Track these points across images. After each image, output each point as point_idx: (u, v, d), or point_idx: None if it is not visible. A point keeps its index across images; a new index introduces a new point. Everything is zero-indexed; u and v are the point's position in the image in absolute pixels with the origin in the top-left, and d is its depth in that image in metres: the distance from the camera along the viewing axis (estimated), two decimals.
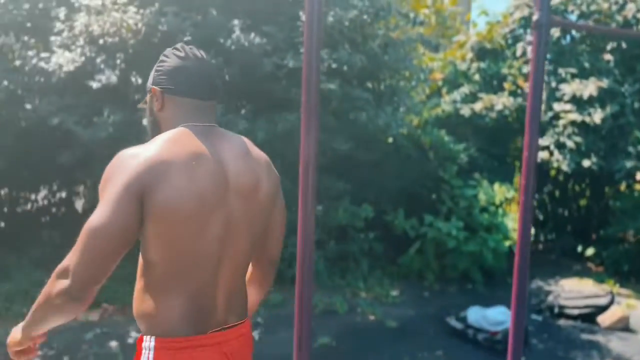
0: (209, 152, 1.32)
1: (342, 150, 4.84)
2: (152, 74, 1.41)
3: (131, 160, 1.26)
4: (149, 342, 1.33)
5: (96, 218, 1.22)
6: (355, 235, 5.66)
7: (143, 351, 1.33)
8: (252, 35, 4.26)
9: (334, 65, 4.49)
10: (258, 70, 4.38)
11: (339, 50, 4.58)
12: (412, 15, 6.74)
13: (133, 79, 4.47)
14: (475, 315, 4.35)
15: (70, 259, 1.23)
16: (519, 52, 6.71)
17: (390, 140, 5.93)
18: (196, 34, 4.31)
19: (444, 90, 7.03)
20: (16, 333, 1.43)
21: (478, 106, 6.45)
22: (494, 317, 4.25)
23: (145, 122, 1.45)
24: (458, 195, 5.86)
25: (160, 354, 1.31)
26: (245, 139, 1.46)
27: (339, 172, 5.49)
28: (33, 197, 5.90)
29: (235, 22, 4.29)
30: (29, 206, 5.90)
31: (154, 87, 1.39)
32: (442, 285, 5.64)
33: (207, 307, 1.35)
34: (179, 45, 1.40)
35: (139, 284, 1.38)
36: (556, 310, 5.01)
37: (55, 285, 1.24)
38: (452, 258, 5.68)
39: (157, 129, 1.42)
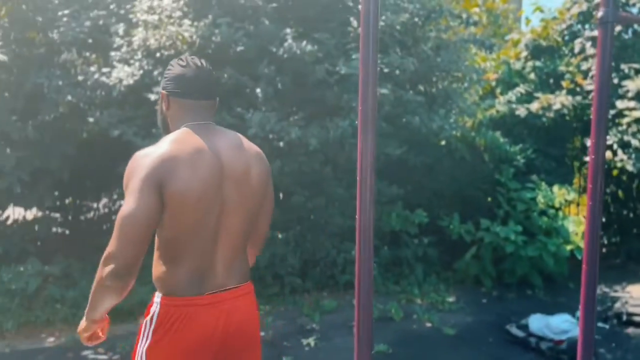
0: (207, 147, 1.64)
1: (395, 155, 4.79)
2: (162, 80, 1.75)
3: (146, 159, 1.57)
4: (158, 298, 1.69)
5: (125, 209, 1.52)
6: (409, 241, 5.59)
7: (154, 304, 1.70)
8: (304, 43, 4.28)
9: (385, 70, 4.46)
10: (310, 78, 4.40)
11: (391, 55, 4.54)
12: (464, 15, 6.61)
13: None
14: (538, 323, 4.20)
15: (111, 246, 1.52)
16: (577, 49, 6.46)
17: (444, 143, 5.83)
18: (249, 43, 4.38)
19: (498, 90, 6.85)
20: (82, 321, 1.74)
21: (534, 106, 6.25)
22: (558, 325, 4.08)
23: (158, 121, 1.85)
24: (515, 198, 5.69)
25: (164, 309, 1.65)
26: (239, 134, 1.79)
27: (392, 177, 5.44)
28: (95, 205, 6.14)
29: (287, 30, 4.33)
30: (91, 214, 6.15)
31: (162, 91, 1.74)
32: (500, 291, 5.48)
33: (206, 273, 1.67)
34: (182, 57, 1.74)
35: (155, 255, 1.70)
36: (624, 317, 4.77)
37: (104, 270, 1.52)
38: (510, 263, 5.51)
39: (166, 125, 1.79)
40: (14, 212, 5.34)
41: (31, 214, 5.31)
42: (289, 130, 4.13)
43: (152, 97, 4.23)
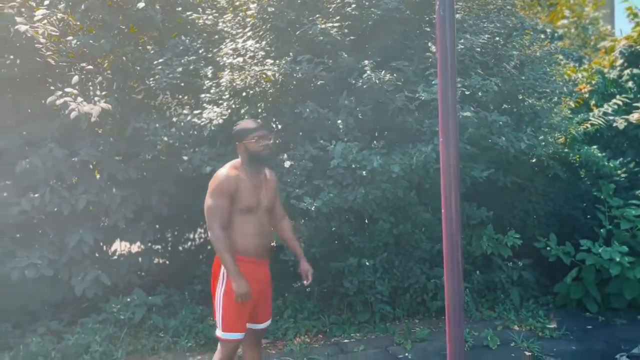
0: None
1: (482, 177, 4.66)
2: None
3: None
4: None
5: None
6: (502, 264, 5.38)
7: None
8: (382, 72, 4.32)
9: (467, 92, 4.39)
10: (390, 106, 4.42)
11: (472, 76, 4.47)
12: (548, 30, 6.36)
13: (273, 125, 4.77)
14: None
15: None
16: None
17: (534, 160, 5.59)
18: (328, 77, 4.49)
19: (592, 102, 6.48)
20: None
21: (635, 116, 5.85)
22: None
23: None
24: (618, 216, 5.31)
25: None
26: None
27: (480, 199, 5.29)
28: (191, 235, 6.49)
29: (365, 62, 4.40)
30: (188, 244, 6.50)
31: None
32: (607, 316, 5.11)
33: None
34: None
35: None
36: None
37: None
38: (616, 286, 5.13)
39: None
40: (120, 246, 5.77)
41: (135, 247, 5.71)
42: (371, 158, 4.16)
43: None
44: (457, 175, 2.19)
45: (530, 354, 4.30)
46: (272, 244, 3.36)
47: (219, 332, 3.13)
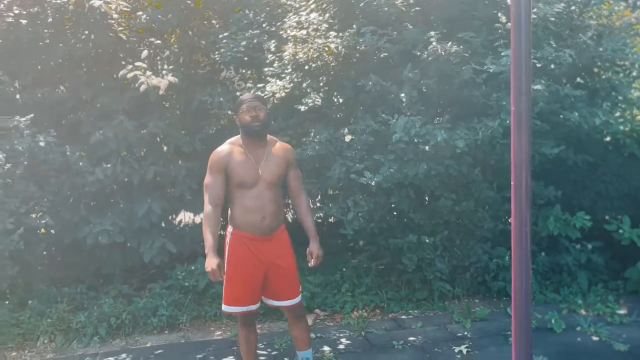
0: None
1: (552, 154, 4.47)
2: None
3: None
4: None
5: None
6: (570, 246, 5.17)
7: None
8: (449, 44, 4.19)
9: (538, 65, 4.19)
10: (456, 79, 4.29)
11: (544, 48, 4.25)
12: None
13: (335, 99, 4.74)
14: None
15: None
16: None
17: (609, 139, 5.29)
18: (392, 49, 4.40)
19: None
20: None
21: None
22: None
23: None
24: None
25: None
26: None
27: (548, 178, 5.08)
28: None
29: (431, 33, 4.27)
30: None
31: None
32: None
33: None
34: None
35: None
36: None
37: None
38: None
39: None
40: (185, 217, 5.97)
41: (199, 218, 5.89)
42: (435, 133, 4.07)
43: (302, 108, 4.45)
44: (529, 153, 2.09)
45: (597, 338, 4.14)
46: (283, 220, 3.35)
47: (223, 306, 3.22)
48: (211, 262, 2.94)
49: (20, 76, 5.10)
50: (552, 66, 4.24)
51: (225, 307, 3.20)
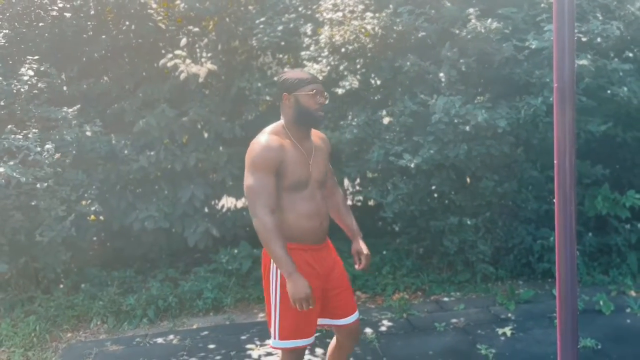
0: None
1: (599, 132, 4.32)
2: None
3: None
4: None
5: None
6: (619, 226, 5.00)
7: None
8: (489, 20, 4.08)
9: (583, 39, 4.03)
10: (496, 56, 4.19)
11: (590, 21, 4.09)
12: None
13: (372, 81, 4.71)
14: None
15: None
16: None
17: None
18: (430, 28, 4.32)
19: None
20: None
21: None
22: None
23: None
24: None
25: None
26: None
27: (596, 156, 4.92)
28: None
29: (470, 10, 4.17)
30: None
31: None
32: None
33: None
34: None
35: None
36: None
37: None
38: None
39: None
40: (227, 202, 6.08)
41: (240, 202, 5.99)
42: (475, 113, 3.99)
43: (340, 91, 4.44)
44: (573, 131, 2.02)
45: None
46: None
47: (274, 342, 2.47)
48: (300, 286, 2.26)
49: (66, 68, 5.28)
50: (599, 40, 4.08)
51: (280, 343, 2.46)
